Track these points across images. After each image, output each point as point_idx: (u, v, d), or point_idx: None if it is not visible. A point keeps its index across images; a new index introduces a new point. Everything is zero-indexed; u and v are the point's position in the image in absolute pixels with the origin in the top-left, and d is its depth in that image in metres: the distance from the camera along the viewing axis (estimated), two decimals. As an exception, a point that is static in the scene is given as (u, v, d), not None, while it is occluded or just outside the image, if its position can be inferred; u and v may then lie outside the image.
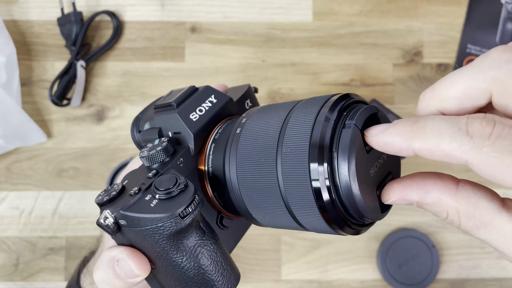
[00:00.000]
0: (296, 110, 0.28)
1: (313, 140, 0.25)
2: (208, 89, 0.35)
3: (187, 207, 0.27)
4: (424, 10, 0.66)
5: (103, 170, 0.62)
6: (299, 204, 0.27)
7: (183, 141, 0.33)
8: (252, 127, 0.30)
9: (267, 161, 0.28)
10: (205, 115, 0.34)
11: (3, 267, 0.60)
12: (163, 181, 0.29)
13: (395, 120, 0.23)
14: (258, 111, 0.32)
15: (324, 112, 0.25)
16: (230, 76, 0.64)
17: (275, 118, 0.29)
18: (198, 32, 0.64)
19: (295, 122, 0.27)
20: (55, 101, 0.60)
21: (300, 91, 0.64)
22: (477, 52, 0.65)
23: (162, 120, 0.34)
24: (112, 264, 0.29)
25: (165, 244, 0.28)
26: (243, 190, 0.30)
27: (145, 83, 0.63)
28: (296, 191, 0.26)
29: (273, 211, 0.29)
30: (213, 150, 0.33)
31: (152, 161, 0.31)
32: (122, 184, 0.30)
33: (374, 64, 0.65)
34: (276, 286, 0.62)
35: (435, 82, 0.22)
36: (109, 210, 0.28)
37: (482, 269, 0.63)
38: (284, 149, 0.27)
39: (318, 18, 0.65)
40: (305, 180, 0.25)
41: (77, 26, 0.61)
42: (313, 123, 0.26)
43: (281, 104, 0.31)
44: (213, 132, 0.34)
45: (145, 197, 0.28)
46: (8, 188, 0.61)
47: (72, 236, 0.61)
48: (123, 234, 0.29)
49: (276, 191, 0.28)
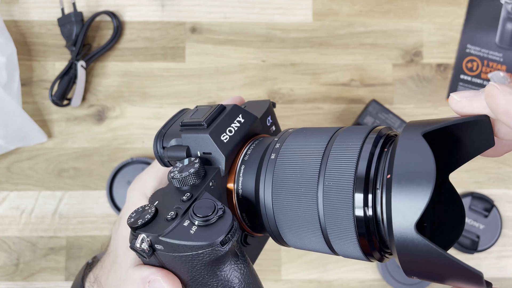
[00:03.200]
0: (337, 142, 0.29)
1: (358, 174, 0.26)
2: (236, 109, 0.35)
3: (227, 235, 0.28)
4: (424, 10, 0.66)
5: (103, 170, 0.62)
6: (337, 232, 0.28)
7: (213, 162, 0.33)
8: (289, 155, 0.31)
9: (308, 191, 0.28)
10: (234, 136, 0.34)
11: (4, 267, 0.60)
12: (201, 207, 0.28)
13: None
14: (292, 137, 0.32)
15: (367, 149, 0.27)
16: (230, 76, 0.64)
17: (313, 148, 0.29)
18: (198, 32, 0.64)
19: (337, 157, 0.28)
20: (56, 101, 0.60)
21: (300, 91, 0.64)
22: (477, 52, 0.66)
23: (191, 139, 0.34)
24: (143, 285, 0.29)
25: (202, 270, 0.28)
26: (278, 215, 0.31)
27: (145, 83, 0.64)
28: (337, 219, 0.27)
29: (307, 236, 0.30)
30: (243, 172, 0.33)
31: (184, 183, 0.31)
32: (155, 207, 0.30)
33: (374, 64, 0.65)
34: (276, 286, 0.62)
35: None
36: (145, 234, 0.28)
37: (482, 269, 0.63)
38: (326, 182, 0.27)
39: (318, 18, 0.65)
40: (348, 208, 0.26)
41: (77, 26, 0.61)
42: (357, 159, 0.27)
43: (316, 131, 0.31)
44: (242, 153, 0.34)
45: (183, 223, 0.28)
46: (9, 188, 0.61)
47: (73, 236, 0.61)
48: (156, 257, 0.29)
49: (314, 219, 0.28)
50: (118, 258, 0.36)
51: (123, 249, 0.36)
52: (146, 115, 0.63)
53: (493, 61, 0.65)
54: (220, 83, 0.64)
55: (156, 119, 0.63)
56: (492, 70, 0.65)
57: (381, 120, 0.61)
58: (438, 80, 0.65)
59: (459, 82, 0.65)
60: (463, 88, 0.65)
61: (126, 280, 0.31)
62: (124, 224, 0.37)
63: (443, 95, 0.65)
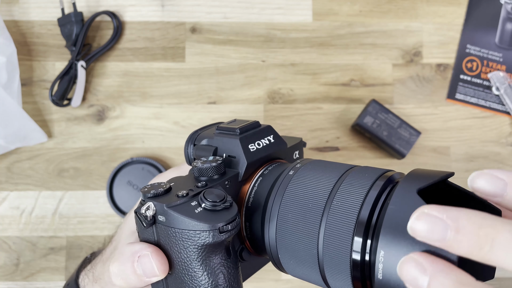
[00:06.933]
0: (345, 184, 0.29)
1: (360, 219, 0.27)
2: (269, 129, 0.38)
3: (227, 223, 0.29)
4: (424, 10, 0.66)
5: (103, 170, 0.62)
6: (333, 271, 0.28)
7: (234, 166, 0.35)
8: (305, 175, 0.32)
9: (310, 227, 0.29)
10: (261, 150, 0.36)
11: (4, 267, 0.61)
12: (212, 193, 0.30)
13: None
14: (313, 162, 0.34)
15: (372, 195, 0.27)
16: (230, 76, 0.64)
17: (322, 185, 0.30)
18: (198, 32, 0.64)
19: (342, 199, 0.28)
20: (56, 101, 0.60)
21: (299, 91, 0.64)
22: (477, 52, 0.66)
23: (221, 141, 0.36)
24: (133, 259, 0.30)
25: (193, 253, 0.29)
26: (279, 227, 0.31)
27: (146, 83, 0.64)
28: (334, 260, 0.28)
29: (305, 269, 0.30)
30: (259, 182, 0.35)
31: (202, 173, 0.33)
32: (169, 185, 0.31)
33: (374, 64, 0.65)
34: (276, 285, 0.62)
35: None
36: (152, 202, 0.29)
37: (482, 268, 0.63)
38: (329, 221, 0.28)
39: (318, 18, 0.65)
40: (346, 251, 0.27)
41: (77, 26, 0.61)
42: (361, 204, 0.27)
43: (334, 164, 0.33)
44: (262, 168, 0.36)
45: (191, 202, 0.30)
46: (9, 188, 0.61)
47: (73, 235, 0.61)
48: (154, 230, 0.30)
49: (314, 255, 0.29)
50: (118, 245, 0.37)
51: (125, 238, 0.37)
52: (146, 115, 0.63)
53: (493, 61, 0.66)
54: (220, 83, 0.64)
55: (156, 119, 0.63)
56: (492, 70, 0.66)
57: (381, 120, 0.61)
58: (438, 80, 0.65)
59: (459, 82, 0.65)
60: (463, 88, 0.65)
61: (118, 254, 0.31)
62: (132, 216, 0.38)
63: (443, 95, 0.65)
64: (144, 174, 0.61)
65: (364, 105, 0.64)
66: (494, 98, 0.65)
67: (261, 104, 0.64)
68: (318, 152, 0.64)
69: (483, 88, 0.65)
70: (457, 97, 0.65)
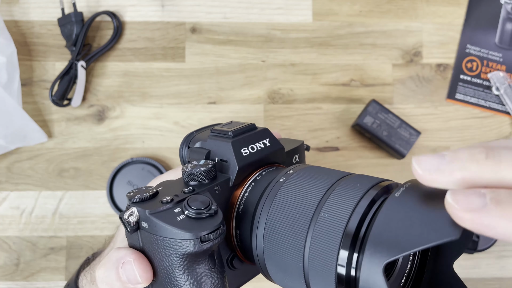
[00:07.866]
0: (335, 193, 0.28)
1: (347, 230, 0.25)
2: (265, 132, 0.36)
3: (210, 233, 0.28)
4: (424, 10, 0.66)
5: (103, 170, 0.62)
6: (319, 282, 0.27)
7: (226, 170, 0.34)
8: (295, 182, 0.31)
9: (297, 238, 0.28)
10: (255, 154, 0.34)
11: (4, 267, 0.61)
12: (197, 199, 0.29)
13: None
14: (306, 169, 0.32)
15: (363, 205, 0.26)
16: (230, 76, 0.64)
17: (312, 194, 0.29)
18: (198, 32, 0.64)
19: (331, 208, 0.27)
20: (56, 101, 0.60)
21: (299, 91, 0.64)
22: (477, 52, 0.66)
23: (214, 144, 0.35)
24: (117, 265, 0.29)
25: (175, 261, 0.28)
26: (267, 237, 0.30)
27: (146, 83, 0.64)
28: (319, 272, 0.27)
29: (291, 279, 0.29)
30: (251, 188, 0.33)
31: (192, 178, 0.32)
32: (156, 189, 0.31)
33: (374, 65, 0.65)
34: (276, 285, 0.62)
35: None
36: (136, 208, 0.29)
37: (482, 268, 0.63)
38: (315, 233, 0.27)
39: (317, 18, 0.65)
40: (331, 264, 0.26)
41: (77, 26, 0.61)
42: (349, 215, 0.26)
43: (328, 171, 0.31)
44: (256, 173, 0.34)
45: (174, 209, 0.29)
46: (9, 188, 0.61)
47: (73, 235, 0.61)
48: (139, 235, 0.29)
49: (299, 266, 0.28)
50: (115, 246, 0.37)
51: (120, 241, 0.37)
52: (146, 115, 0.63)
53: (493, 61, 0.66)
54: (220, 83, 0.64)
55: (156, 119, 0.63)
56: (492, 70, 0.66)
57: (381, 120, 0.61)
58: (438, 80, 0.65)
59: (459, 82, 0.65)
60: (463, 88, 0.65)
61: (105, 259, 0.31)
62: None
63: (443, 95, 0.65)
64: (144, 174, 0.61)
65: (364, 105, 0.64)
66: (494, 98, 0.65)
67: (261, 104, 0.64)
68: (318, 152, 0.64)
69: (483, 88, 0.65)
70: (457, 97, 0.65)
